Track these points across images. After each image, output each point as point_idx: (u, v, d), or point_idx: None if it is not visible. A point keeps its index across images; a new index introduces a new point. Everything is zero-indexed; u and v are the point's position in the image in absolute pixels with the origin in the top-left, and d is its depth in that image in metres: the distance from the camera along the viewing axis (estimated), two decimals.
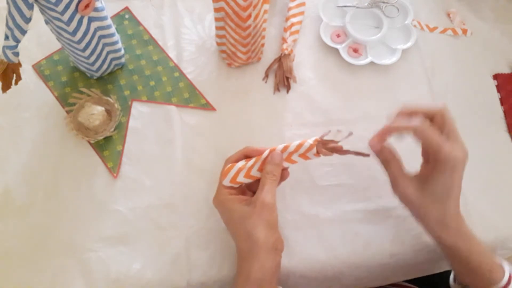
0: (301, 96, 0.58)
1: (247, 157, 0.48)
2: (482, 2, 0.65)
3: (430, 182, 0.43)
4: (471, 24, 0.64)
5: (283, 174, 0.47)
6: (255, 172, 0.46)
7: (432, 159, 0.44)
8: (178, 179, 0.53)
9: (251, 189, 0.48)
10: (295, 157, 0.45)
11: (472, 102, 0.59)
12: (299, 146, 0.44)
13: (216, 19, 0.51)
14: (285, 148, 0.45)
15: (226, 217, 0.46)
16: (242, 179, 0.46)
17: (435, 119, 0.44)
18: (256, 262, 0.42)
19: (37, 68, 0.57)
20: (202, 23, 0.61)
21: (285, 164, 0.46)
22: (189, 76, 0.58)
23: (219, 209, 0.47)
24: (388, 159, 0.46)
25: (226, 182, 0.46)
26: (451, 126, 0.43)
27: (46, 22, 0.48)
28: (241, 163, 0.46)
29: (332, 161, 0.54)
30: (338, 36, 0.60)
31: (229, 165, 0.47)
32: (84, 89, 0.56)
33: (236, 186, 0.47)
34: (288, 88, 0.58)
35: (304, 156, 0.45)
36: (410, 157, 0.46)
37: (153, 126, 0.55)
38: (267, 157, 0.45)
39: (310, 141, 0.44)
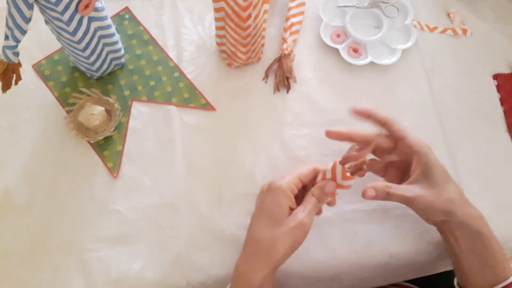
0: (301, 96, 0.58)
1: (327, 180, 0.45)
2: (482, 2, 0.65)
3: (422, 174, 0.45)
4: (471, 24, 0.64)
5: (330, 202, 0.47)
6: (340, 181, 0.44)
7: (403, 153, 0.46)
8: (178, 179, 0.53)
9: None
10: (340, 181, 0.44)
11: (472, 102, 0.59)
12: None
13: (216, 19, 0.51)
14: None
15: (269, 205, 0.43)
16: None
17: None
18: (261, 272, 0.41)
19: (37, 68, 0.57)
20: (202, 23, 0.61)
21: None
22: (189, 76, 0.58)
23: (272, 192, 0.43)
24: (384, 171, 0.49)
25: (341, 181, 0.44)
26: (404, 129, 0.47)
27: (46, 22, 0.48)
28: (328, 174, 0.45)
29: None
30: (338, 36, 0.60)
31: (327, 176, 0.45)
32: (84, 89, 0.56)
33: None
34: (288, 88, 0.58)
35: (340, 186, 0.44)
36: None
37: (153, 126, 0.55)
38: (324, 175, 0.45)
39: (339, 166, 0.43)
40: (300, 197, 0.45)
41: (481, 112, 0.59)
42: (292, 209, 0.43)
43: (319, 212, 0.47)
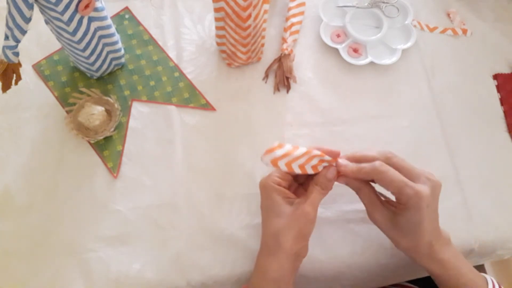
0: (301, 96, 0.58)
1: (327, 167, 0.45)
2: (482, 2, 0.65)
3: (398, 217, 0.43)
4: (471, 24, 0.64)
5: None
6: (309, 169, 0.44)
7: (396, 197, 0.43)
8: (178, 179, 0.53)
9: (297, 180, 0.48)
10: (295, 165, 0.43)
11: (472, 102, 0.59)
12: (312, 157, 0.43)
13: (216, 19, 0.51)
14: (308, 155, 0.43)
15: (265, 203, 0.45)
16: (296, 168, 0.43)
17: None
18: (276, 263, 0.42)
19: (37, 68, 0.57)
20: (202, 23, 0.61)
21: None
22: (189, 76, 0.58)
23: (262, 193, 0.45)
24: (358, 187, 0.46)
25: (282, 165, 0.42)
26: (406, 165, 0.43)
27: (46, 22, 0.48)
28: (288, 147, 0.43)
29: None
30: (338, 36, 0.60)
31: (276, 143, 0.43)
32: (84, 89, 0.56)
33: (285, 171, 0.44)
34: (288, 88, 0.58)
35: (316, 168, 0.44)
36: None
37: (153, 126, 0.55)
38: (317, 167, 0.44)
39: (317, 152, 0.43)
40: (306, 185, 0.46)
41: (481, 112, 0.59)
42: (289, 198, 0.44)
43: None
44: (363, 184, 0.45)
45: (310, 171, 0.44)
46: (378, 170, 0.42)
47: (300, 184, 0.48)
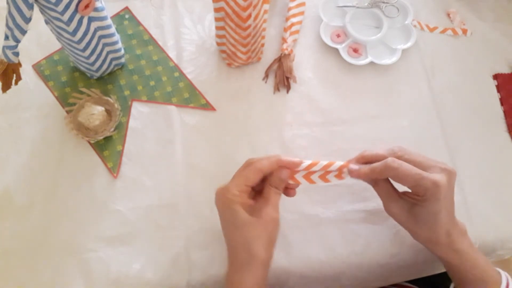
0: (301, 96, 0.58)
1: (281, 167, 0.44)
2: (482, 2, 0.65)
3: (416, 208, 0.43)
4: (471, 24, 0.64)
5: (289, 193, 0.46)
6: (316, 178, 0.45)
7: (413, 190, 0.43)
8: (178, 179, 0.53)
9: (254, 188, 0.46)
10: (314, 177, 0.45)
11: (472, 102, 0.59)
12: (326, 166, 0.44)
13: (216, 19, 0.51)
14: (311, 165, 0.44)
15: (227, 219, 0.43)
16: (301, 179, 0.45)
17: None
18: (251, 276, 0.40)
19: (37, 68, 0.57)
20: (202, 23, 0.61)
21: (304, 182, 0.46)
22: (189, 76, 0.58)
23: (221, 208, 0.43)
24: (374, 181, 0.46)
25: (299, 177, 0.44)
26: (417, 158, 0.43)
27: (46, 22, 0.48)
28: (307, 163, 0.44)
29: None
30: (338, 36, 0.60)
31: (289, 159, 0.43)
32: (84, 89, 0.56)
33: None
34: (288, 88, 0.58)
35: (324, 178, 0.45)
36: None
37: (153, 126, 0.55)
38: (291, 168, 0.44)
39: (340, 162, 0.44)
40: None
41: (481, 112, 0.59)
42: (249, 206, 0.42)
43: (291, 193, 0.46)
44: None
45: (320, 182, 0.46)
46: (391, 167, 0.42)
47: (258, 191, 0.46)
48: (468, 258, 0.43)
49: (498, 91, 0.60)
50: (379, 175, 0.43)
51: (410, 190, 0.45)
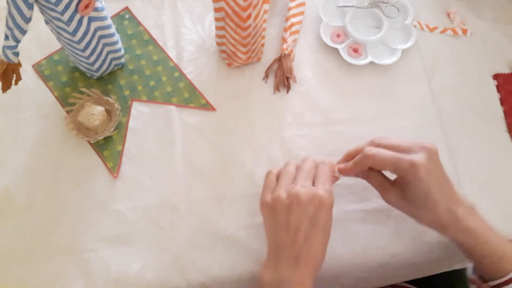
0: (301, 96, 0.58)
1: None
2: (482, 2, 0.65)
3: (406, 193, 0.43)
4: (471, 24, 0.64)
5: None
6: None
7: (396, 174, 0.44)
8: (178, 179, 0.53)
9: None
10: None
11: (472, 102, 0.59)
12: None
13: (216, 19, 0.51)
14: None
15: (323, 221, 0.42)
16: None
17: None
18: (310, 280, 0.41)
19: (37, 68, 0.57)
20: (202, 23, 0.61)
21: None
22: (189, 76, 0.58)
23: (321, 207, 0.41)
24: (365, 175, 0.47)
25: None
26: (394, 142, 0.43)
27: (46, 22, 0.48)
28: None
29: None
30: (338, 36, 0.60)
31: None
32: (84, 89, 0.56)
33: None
34: (288, 88, 0.58)
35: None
36: None
37: (153, 126, 0.55)
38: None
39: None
40: None
41: (481, 112, 0.59)
42: None
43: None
44: (368, 170, 0.46)
45: None
46: (367, 155, 0.43)
47: None
48: (479, 236, 0.43)
49: (498, 91, 0.60)
50: (361, 167, 0.44)
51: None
